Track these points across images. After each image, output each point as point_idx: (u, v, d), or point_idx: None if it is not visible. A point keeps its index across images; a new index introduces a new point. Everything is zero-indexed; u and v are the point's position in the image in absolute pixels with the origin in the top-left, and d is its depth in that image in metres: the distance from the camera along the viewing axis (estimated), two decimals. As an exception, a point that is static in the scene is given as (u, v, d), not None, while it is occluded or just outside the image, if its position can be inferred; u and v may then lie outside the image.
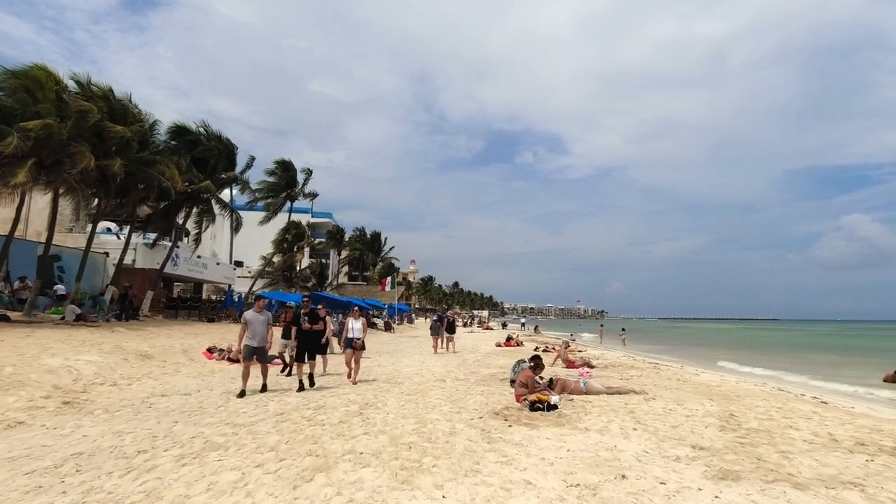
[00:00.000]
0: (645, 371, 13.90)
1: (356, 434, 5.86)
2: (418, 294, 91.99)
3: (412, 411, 7.27)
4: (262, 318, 8.73)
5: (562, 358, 15.18)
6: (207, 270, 32.63)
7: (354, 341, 10.20)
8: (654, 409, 7.67)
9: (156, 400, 7.80)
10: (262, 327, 8.67)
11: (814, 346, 36.83)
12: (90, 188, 20.56)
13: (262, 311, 8.82)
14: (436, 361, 15.07)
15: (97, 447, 5.19)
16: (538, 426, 6.38)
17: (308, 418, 6.73)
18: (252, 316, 8.74)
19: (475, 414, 7.15)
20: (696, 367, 16.97)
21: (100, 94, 19.23)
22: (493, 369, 13.33)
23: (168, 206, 25.04)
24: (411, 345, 22.79)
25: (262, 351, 8.66)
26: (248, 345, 8.57)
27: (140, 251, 26.62)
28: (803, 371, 18.34)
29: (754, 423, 6.73)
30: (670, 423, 6.68)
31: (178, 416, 6.69)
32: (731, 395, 9.32)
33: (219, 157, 26.48)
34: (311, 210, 58.67)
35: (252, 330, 8.59)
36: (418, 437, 5.79)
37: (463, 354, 18.03)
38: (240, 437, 5.69)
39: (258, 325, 8.63)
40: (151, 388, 8.78)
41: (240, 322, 9.59)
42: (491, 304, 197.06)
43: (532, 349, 21.64)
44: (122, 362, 10.28)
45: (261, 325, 8.66)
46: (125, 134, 18.80)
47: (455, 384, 10.24)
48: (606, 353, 21.21)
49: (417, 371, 12.46)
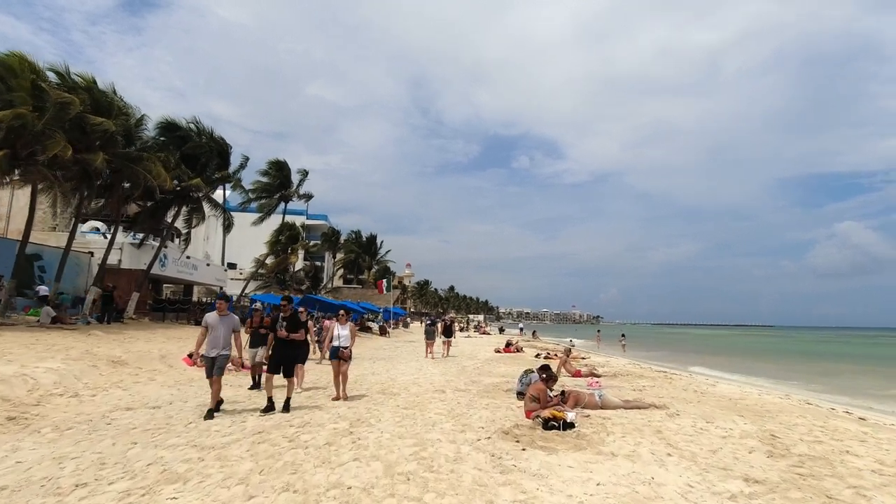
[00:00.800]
0: (656, 381, 13.05)
1: (344, 461, 4.96)
2: (414, 298, 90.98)
3: (410, 430, 6.38)
4: (226, 322, 7.21)
5: (565, 367, 14.28)
6: (197, 272, 31.62)
7: (341, 350, 8.62)
8: (682, 427, 6.82)
9: (118, 415, 6.87)
10: (225, 332, 7.17)
11: (816, 354, 36.18)
12: (71, 183, 19.66)
13: (225, 314, 7.29)
14: (434, 369, 14.18)
15: (27, 479, 4.28)
16: (556, 450, 5.50)
17: (290, 438, 5.83)
18: (213, 319, 7.18)
19: (482, 433, 6.27)
20: (708, 376, 16.13)
21: (82, 85, 18.30)
22: (495, 378, 12.45)
23: (156, 204, 24.08)
24: (407, 350, 21.88)
25: (221, 360, 7.11)
26: (207, 356, 7.06)
27: (126, 251, 25.60)
28: (816, 381, 17.55)
29: (803, 446, 5.88)
30: (707, 446, 5.82)
31: (138, 436, 5.77)
32: (761, 411, 8.48)
33: (210, 154, 25.51)
34: (306, 212, 57.69)
35: (213, 336, 7.09)
36: (418, 464, 4.90)
37: (461, 361, 17.14)
38: (206, 463, 4.79)
39: (220, 330, 7.14)
40: (118, 400, 7.84)
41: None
42: (486, 308, 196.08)
43: (532, 356, 20.79)
44: (90, 370, 9.34)
45: (224, 329, 7.16)
46: (108, 127, 17.86)
47: (456, 396, 9.35)
48: (611, 361, 20.36)
49: (414, 380, 11.57)
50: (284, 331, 7.45)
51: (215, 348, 7.07)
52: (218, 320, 7.19)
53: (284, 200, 41.40)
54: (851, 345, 56.09)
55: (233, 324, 7.28)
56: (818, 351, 41.04)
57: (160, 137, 23.45)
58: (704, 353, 35.10)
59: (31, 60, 16.21)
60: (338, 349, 8.65)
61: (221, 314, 7.24)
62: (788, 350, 42.19)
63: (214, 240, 44.68)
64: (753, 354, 34.81)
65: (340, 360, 8.60)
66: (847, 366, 25.42)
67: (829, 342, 64.16)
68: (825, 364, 26.32)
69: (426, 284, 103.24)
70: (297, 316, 7.81)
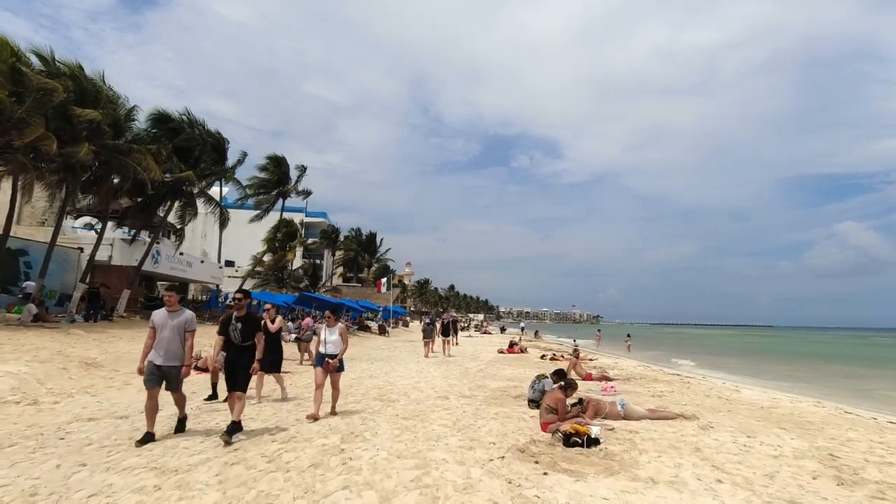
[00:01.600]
0: (673, 385, 12.20)
1: (331, 489, 4.10)
2: (414, 297, 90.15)
3: (410, 446, 5.52)
4: (176, 322, 5.58)
5: (576, 370, 13.39)
6: (192, 269, 30.75)
7: (327, 359, 6.99)
8: (721, 443, 5.96)
9: (77, 427, 6.00)
10: (175, 335, 5.55)
11: (824, 356, 35.33)
12: (56, 176, 18.80)
13: (176, 309, 5.68)
14: (435, 371, 13.31)
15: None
16: (584, 473, 4.65)
17: (270, 458, 4.97)
18: (161, 317, 5.60)
19: (493, 450, 5.41)
20: (724, 380, 15.26)
21: (67, 72, 17.44)
22: (501, 382, 11.59)
23: (148, 198, 23.20)
24: (407, 350, 21.03)
25: (172, 372, 5.57)
26: (152, 361, 5.50)
27: (118, 247, 24.76)
28: (835, 384, 16.69)
29: (873, 470, 5.02)
30: (759, 468, 4.96)
31: (92, 455, 4.91)
32: (801, 422, 7.62)
33: (203, 147, 24.65)
34: (305, 209, 56.91)
35: (160, 339, 5.53)
36: (420, 494, 4.05)
37: (463, 363, 16.27)
38: (162, 494, 3.93)
39: (168, 331, 5.53)
40: (82, 409, 6.97)
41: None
42: (487, 307, 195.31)
43: (538, 357, 19.92)
44: (59, 373, 8.49)
45: (172, 331, 5.54)
46: (95, 117, 16.99)
47: (460, 403, 8.48)
48: (619, 362, 19.49)
49: (414, 384, 10.70)
50: (239, 334, 5.78)
51: (160, 353, 5.50)
52: (167, 318, 5.58)
53: (283, 197, 40.55)
54: (855, 346, 55.44)
55: (185, 322, 5.65)
56: (825, 352, 40.20)
57: (152, 130, 22.60)
58: (710, 353, 34.24)
59: (11, 43, 15.35)
60: (324, 357, 7.05)
61: (171, 310, 5.64)
62: (795, 351, 41.32)
63: (212, 237, 43.85)
64: (761, 355, 33.96)
65: (327, 371, 7.00)
66: (859, 368, 24.58)
67: (832, 343, 63.35)
68: (838, 366, 25.49)
69: (426, 283, 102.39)
70: (253, 316, 6.03)
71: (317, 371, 7.08)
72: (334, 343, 7.07)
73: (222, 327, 5.90)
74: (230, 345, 5.84)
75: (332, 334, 7.11)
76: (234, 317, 5.87)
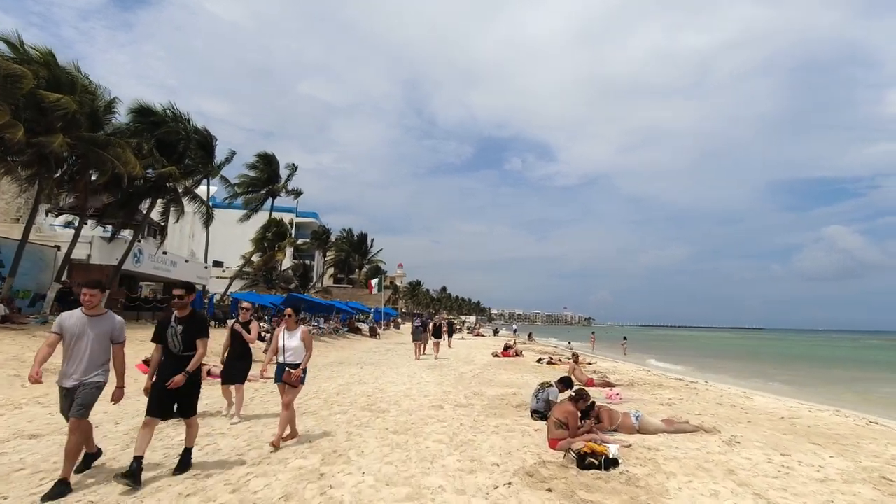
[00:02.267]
0: (680, 392, 11.52)
1: (304, 531, 3.34)
2: (405, 298, 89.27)
3: (401, 469, 4.76)
4: (100, 331, 4.16)
5: (575, 375, 12.67)
6: (176, 269, 29.70)
7: (288, 370, 5.54)
8: (755, 463, 5.25)
9: (15, 445, 5.17)
10: (99, 348, 4.14)
11: (819, 359, 35.06)
12: (29, 170, 17.85)
13: (99, 313, 4.23)
14: (428, 377, 12.54)
15: None
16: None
17: (235, 486, 4.19)
18: (74, 322, 4.11)
19: (498, 475, 4.66)
20: (730, 385, 14.61)
21: (39, 59, 16.49)
22: (498, 388, 10.86)
23: (128, 194, 22.25)
24: (398, 353, 20.24)
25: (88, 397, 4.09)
26: (62, 385, 4.15)
27: (97, 245, 23.72)
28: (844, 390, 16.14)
29: (941, 498, 4.34)
30: (809, 496, 4.26)
31: (19, 482, 4.11)
32: (831, 435, 6.95)
33: (187, 142, 23.73)
34: (295, 209, 56.00)
35: (74, 352, 4.08)
36: (413, 537, 3.29)
37: (457, 367, 15.51)
38: (90, 540, 3.15)
39: (87, 340, 4.09)
40: (28, 422, 6.14)
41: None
42: (478, 309, 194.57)
43: (534, 361, 19.20)
44: (9, 381, 7.63)
45: (94, 343, 4.11)
46: (69, 106, 16.05)
47: (457, 413, 7.72)
48: (619, 366, 18.82)
49: (406, 391, 9.93)
50: (179, 340, 4.45)
51: (76, 372, 4.06)
52: (85, 324, 4.11)
53: (272, 195, 39.68)
54: (848, 348, 55.52)
55: (110, 330, 4.23)
56: (820, 355, 39.95)
57: (133, 123, 21.65)
58: (707, 356, 33.73)
59: (-25, 27, 14.42)
60: (284, 368, 5.57)
61: (90, 313, 4.18)
62: (790, 354, 41.00)
63: (200, 237, 42.81)
64: (757, 359, 33.52)
65: (286, 384, 5.53)
66: (858, 372, 24.13)
67: (825, 346, 63.46)
68: (837, 370, 25.01)
69: (418, 285, 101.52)
70: (199, 317, 4.66)
71: (279, 387, 5.69)
72: (295, 351, 5.59)
73: (158, 332, 4.55)
74: (168, 354, 4.50)
75: (291, 339, 5.64)
76: (175, 317, 4.55)
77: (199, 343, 4.55)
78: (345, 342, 26.35)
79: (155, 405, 4.34)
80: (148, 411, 4.35)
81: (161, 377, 4.37)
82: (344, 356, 18.61)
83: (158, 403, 4.34)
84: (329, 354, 19.04)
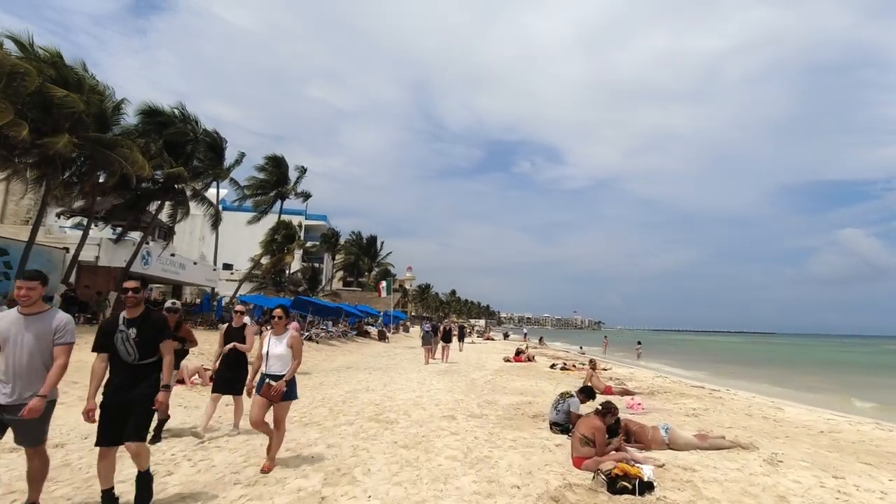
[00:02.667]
0: (704, 401, 10.94)
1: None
2: (414, 302, 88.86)
3: (411, 492, 4.29)
4: (36, 331, 3.36)
5: (593, 382, 12.09)
6: (185, 271, 29.55)
7: (269, 382, 4.73)
8: (807, 487, 4.71)
9: (-6, 460, 4.79)
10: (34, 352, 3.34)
11: (839, 364, 34.08)
12: (36, 171, 17.70)
13: (40, 310, 3.43)
14: (438, 383, 12.06)
15: None
16: (648, 541, 3.41)
17: (226, 511, 3.75)
18: (8, 323, 3.36)
19: (519, 499, 4.17)
20: (753, 392, 13.96)
21: (47, 59, 16.33)
22: (513, 396, 10.35)
23: (136, 196, 22.09)
24: (407, 357, 19.79)
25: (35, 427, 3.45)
26: None
27: (105, 246, 23.56)
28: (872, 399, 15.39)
29: None
30: (878, 531, 3.73)
31: (-12, 506, 3.70)
32: (881, 453, 6.38)
33: (196, 143, 23.54)
34: (305, 212, 55.83)
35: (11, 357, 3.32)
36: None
37: (469, 372, 15.01)
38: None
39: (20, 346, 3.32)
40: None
41: None
42: (488, 313, 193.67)
43: (547, 366, 18.63)
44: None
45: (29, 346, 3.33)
46: (76, 103, 15.85)
47: (470, 425, 7.23)
48: (635, 373, 18.19)
49: (416, 399, 9.45)
50: (131, 346, 3.56)
51: (12, 384, 3.31)
52: (22, 325, 3.35)
53: (281, 198, 39.58)
54: (865, 353, 54.33)
55: (53, 331, 3.39)
56: (839, 360, 38.94)
57: (140, 124, 21.47)
58: (720, 361, 32.80)
59: (-18, 25, 14.26)
60: (267, 379, 4.75)
61: (28, 311, 3.38)
62: (808, 359, 39.95)
63: (210, 239, 42.76)
64: (777, 364, 32.61)
65: (270, 400, 4.71)
66: (882, 378, 23.24)
67: (840, 351, 62.05)
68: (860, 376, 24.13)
69: (427, 288, 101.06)
70: (155, 318, 3.76)
71: (254, 401, 4.78)
72: (280, 358, 4.79)
73: (102, 338, 3.62)
74: (119, 365, 3.59)
75: (277, 345, 4.82)
76: (125, 319, 3.62)
77: (163, 348, 3.70)
78: (353, 346, 25.96)
79: (107, 432, 3.50)
80: (98, 440, 3.51)
81: (115, 394, 3.55)
82: (352, 360, 18.20)
83: (110, 428, 3.50)
84: (336, 359, 18.65)
